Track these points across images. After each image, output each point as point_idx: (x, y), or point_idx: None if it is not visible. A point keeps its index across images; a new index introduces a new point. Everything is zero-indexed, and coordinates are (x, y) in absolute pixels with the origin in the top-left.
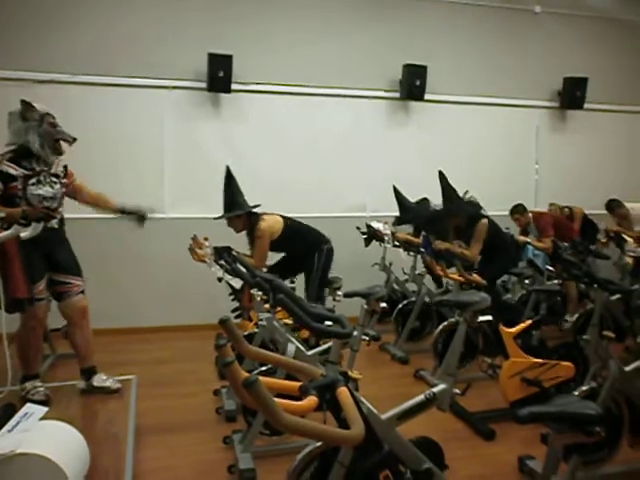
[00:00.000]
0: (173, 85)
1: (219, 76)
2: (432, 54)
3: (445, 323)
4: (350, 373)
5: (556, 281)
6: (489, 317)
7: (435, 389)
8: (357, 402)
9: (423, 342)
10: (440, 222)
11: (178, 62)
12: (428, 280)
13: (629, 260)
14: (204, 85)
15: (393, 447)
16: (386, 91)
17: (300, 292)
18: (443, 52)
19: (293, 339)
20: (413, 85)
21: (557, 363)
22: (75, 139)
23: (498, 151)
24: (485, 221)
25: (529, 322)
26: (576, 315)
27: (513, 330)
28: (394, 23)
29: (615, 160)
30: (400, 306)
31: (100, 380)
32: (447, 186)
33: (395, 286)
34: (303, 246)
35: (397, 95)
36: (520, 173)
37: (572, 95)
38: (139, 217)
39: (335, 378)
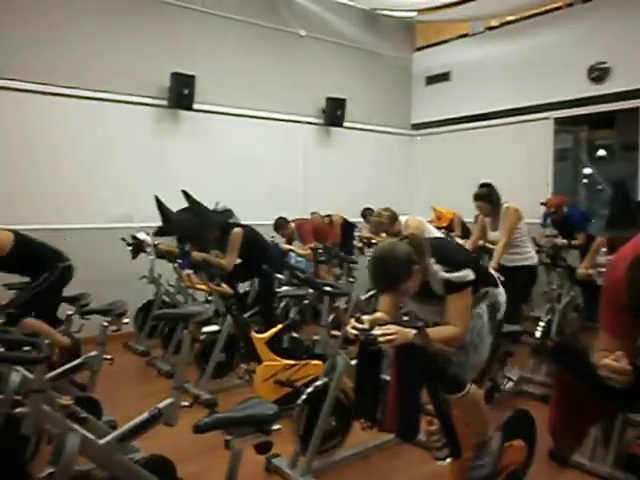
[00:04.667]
0: None
1: None
2: (202, 64)
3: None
4: (60, 400)
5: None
6: (215, 327)
7: (160, 405)
8: None
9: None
10: (198, 235)
11: None
12: None
13: None
14: None
15: (114, 471)
16: (153, 98)
17: None
18: (214, 63)
19: None
20: (181, 94)
21: (307, 362)
22: None
23: (269, 162)
24: (238, 230)
25: (280, 326)
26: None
27: (264, 335)
28: (163, 29)
29: (371, 173)
30: None
31: None
32: (194, 203)
33: (166, 298)
34: (34, 264)
35: (165, 103)
36: (290, 183)
37: (334, 114)
38: None
39: None
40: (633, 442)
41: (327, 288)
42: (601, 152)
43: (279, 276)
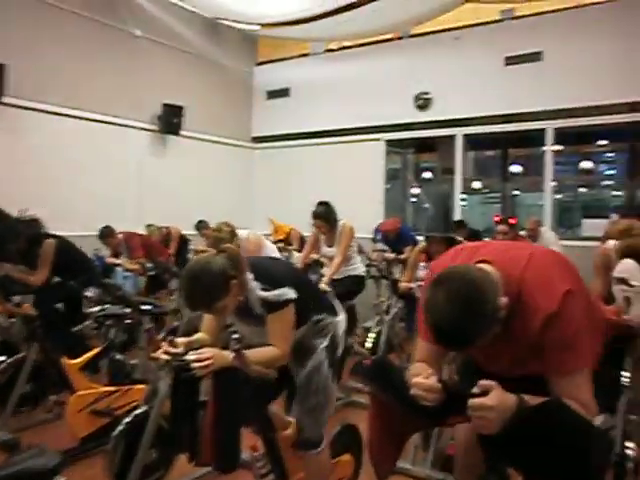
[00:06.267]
0: None
1: None
2: (17, 53)
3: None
4: None
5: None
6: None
7: None
8: None
9: None
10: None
11: None
12: None
13: None
14: None
15: None
16: None
17: None
18: (32, 54)
19: None
20: None
21: (130, 388)
22: None
23: (97, 169)
24: (50, 242)
25: (96, 350)
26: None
27: (78, 361)
28: None
29: (210, 185)
30: None
31: None
32: None
33: None
34: None
35: None
36: (122, 193)
37: (170, 121)
38: None
39: None
40: (449, 443)
41: (145, 306)
42: (426, 174)
43: (89, 294)
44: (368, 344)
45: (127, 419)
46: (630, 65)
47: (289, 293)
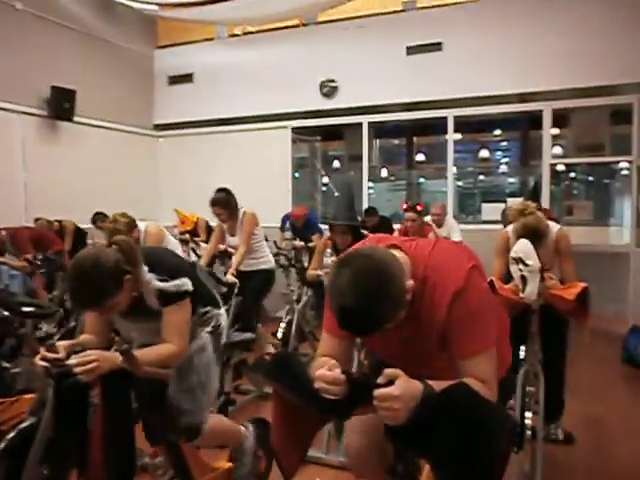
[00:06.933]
0: None
1: None
2: None
3: None
4: None
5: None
6: None
7: None
8: None
9: None
10: None
11: None
12: None
13: None
14: None
15: None
16: None
17: None
18: None
19: None
20: None
21: (18, 398)
22: None
23: None
24: None
25: None
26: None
27: None
28: None
29: (104, 174)
30: None
31: None
32: None
33: None
34: None
35: None
36: (7, 185)
37: (61, 105)
38: None
39: None
40: None
41: (26, 308)
42: (335, 163)
43: None
44: (279, 334)
45: (10, 434)
46: (521, 57)
47: (187, 284)
